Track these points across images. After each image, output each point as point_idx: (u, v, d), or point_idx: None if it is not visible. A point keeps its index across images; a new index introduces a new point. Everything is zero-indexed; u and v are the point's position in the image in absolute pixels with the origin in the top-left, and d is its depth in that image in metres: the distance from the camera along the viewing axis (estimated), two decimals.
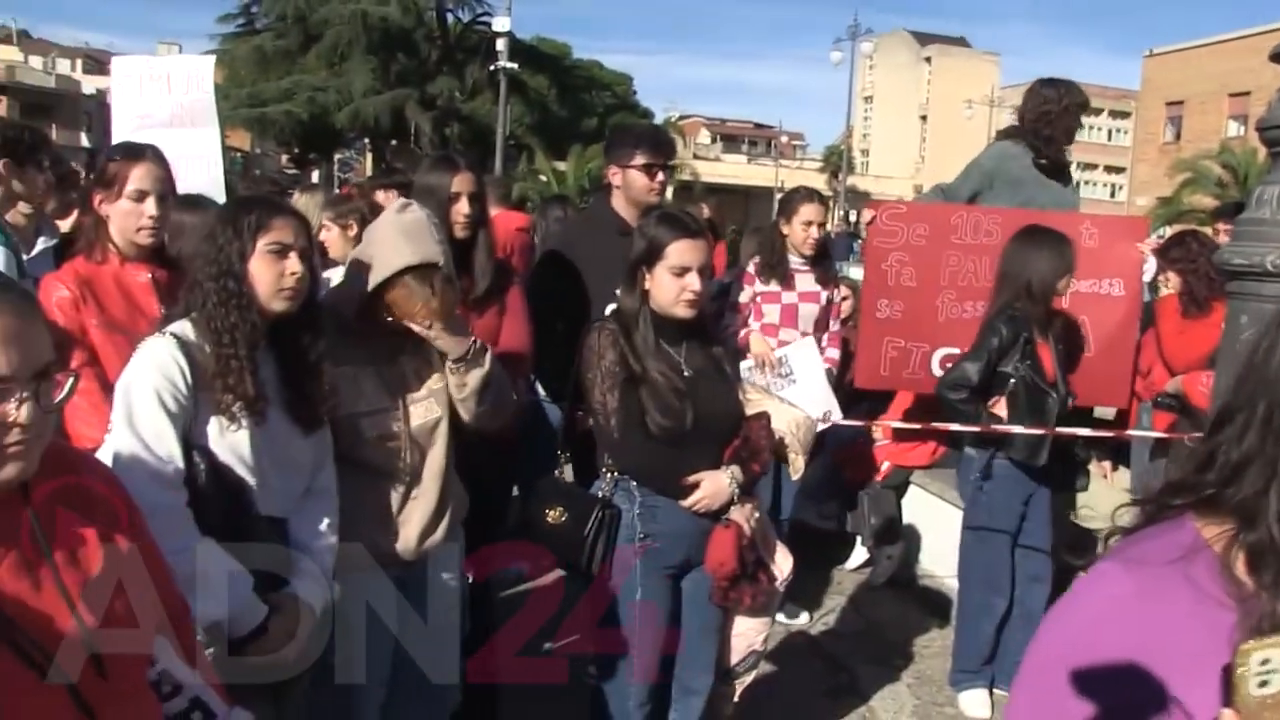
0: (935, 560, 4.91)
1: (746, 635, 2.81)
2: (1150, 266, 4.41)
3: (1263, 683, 0.81)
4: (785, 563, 2.80)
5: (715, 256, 4.12)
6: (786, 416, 2.82)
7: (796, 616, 4.53)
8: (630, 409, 2.57)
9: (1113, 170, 56.16)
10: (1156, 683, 0.93)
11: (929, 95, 65.71)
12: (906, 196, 30.92)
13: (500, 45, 28.34)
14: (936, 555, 4.87)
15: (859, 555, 5.19)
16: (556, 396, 3.34)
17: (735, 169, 48.93)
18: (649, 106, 49.70)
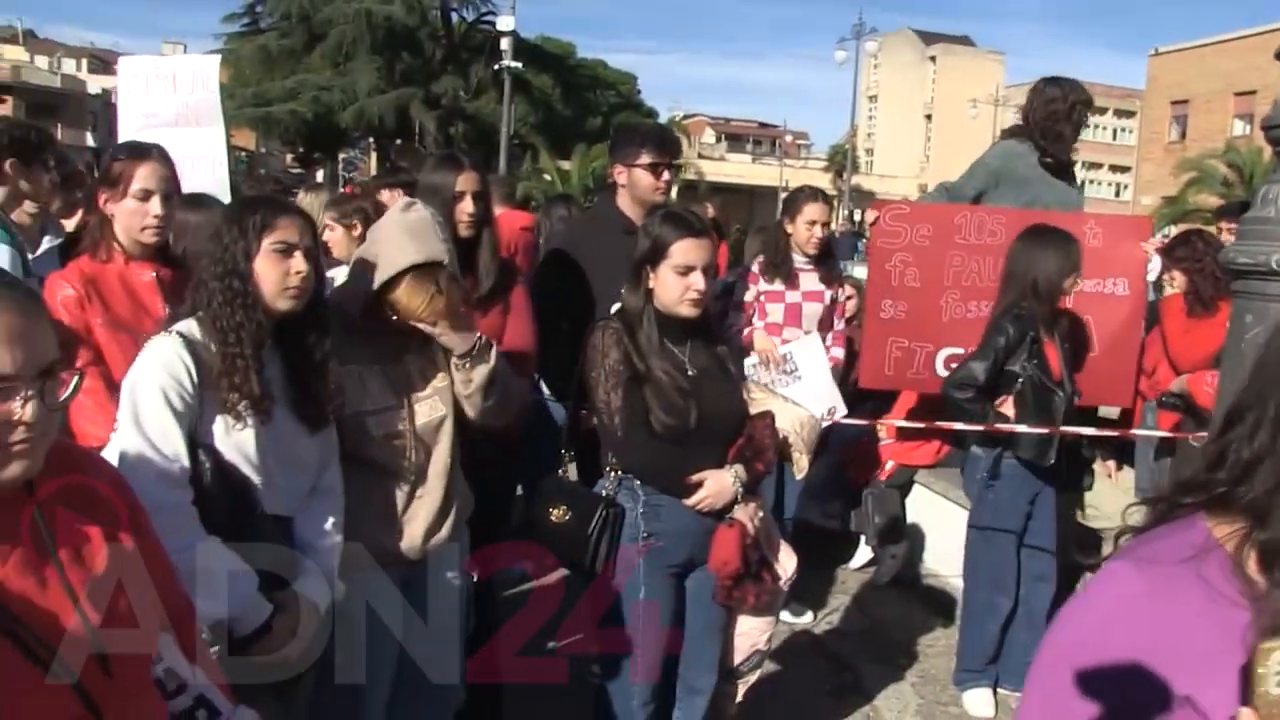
0: (939, 559, 4.91)
1: (750, 634, 2.80)
2: (1154, 266, 4.41)
3: None
4: (789, 562, 2.79)
5: (718, 256, 4.11)
6: (790, 415, 2.81)
7: (800, 615, 4.52)
8: (634, 408, 2.57)
9: (1118, 169, 56.16)
10: (1168, 682, 0.93)
11: (934, 94, 65.72)
12: (911, 196, 30.89)
13: (505, 44, 28.36)
14: (941, 554, 4.87)
15: (863, 554, 5.19)
16: (560, 395, 3.34)
17: (740, 168, 48.83)
18: (653, 106, 49.91)
